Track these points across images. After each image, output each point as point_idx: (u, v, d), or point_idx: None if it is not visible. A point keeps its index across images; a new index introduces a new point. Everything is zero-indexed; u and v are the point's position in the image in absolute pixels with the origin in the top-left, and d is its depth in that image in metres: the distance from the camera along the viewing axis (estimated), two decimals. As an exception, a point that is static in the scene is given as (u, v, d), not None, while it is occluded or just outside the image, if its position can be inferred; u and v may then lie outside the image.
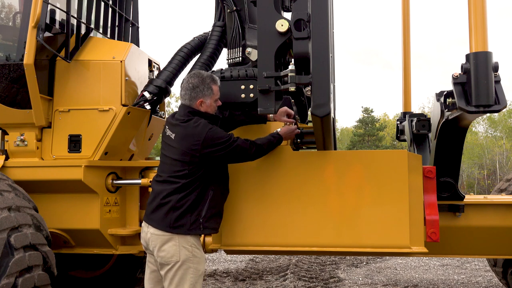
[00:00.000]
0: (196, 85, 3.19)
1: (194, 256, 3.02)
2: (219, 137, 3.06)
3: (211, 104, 3.23)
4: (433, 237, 3.36)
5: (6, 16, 4.68)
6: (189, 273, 2.99)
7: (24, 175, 3.98)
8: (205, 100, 3.20)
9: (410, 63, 5.68)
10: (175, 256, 2.99)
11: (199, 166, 3.05)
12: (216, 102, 3.27)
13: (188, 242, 3.01)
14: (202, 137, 3.02)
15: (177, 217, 3.01)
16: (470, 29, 2.97)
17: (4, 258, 3.18)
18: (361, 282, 6.71)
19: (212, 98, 3.23)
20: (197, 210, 3.04)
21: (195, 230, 3.02)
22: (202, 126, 3.08)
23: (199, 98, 3.19)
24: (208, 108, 3.22)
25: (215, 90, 3.24)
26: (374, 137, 44.42)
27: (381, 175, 3.31)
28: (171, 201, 3.04)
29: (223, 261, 8.54)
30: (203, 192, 3.07)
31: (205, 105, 3.21)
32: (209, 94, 3.21)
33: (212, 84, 3.23)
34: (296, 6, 3.04)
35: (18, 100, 4.01)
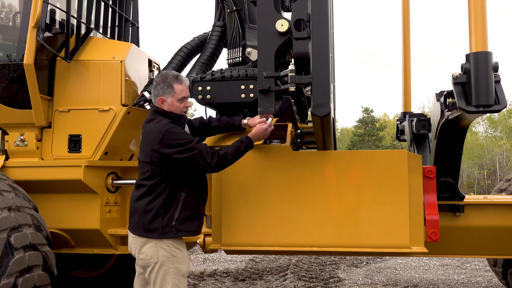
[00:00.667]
0: (157, 83, 3.16)
1: (173, 256, 3.00)
2: (177, 138, 2.98)
3: (174, 103, 3.13)
4: (433, 237, 3.36)
5: (6, 16, 4.68)
6: (170, 273, 2.98)
7: (24, 175, 3.98)
8: (166, 98, 3.13)
9: (410, 63, 5.68)
10: (154, 258, 2.99)
11: (162, 166, 3.01)
12: (181, 101, 3.16)
13: (165, 243, 3.00)
14: (160, 136, 2.97)
15: (149, 221, 2.99)
16: (470, 29, 2.97)
17: (4, 258, 3.18)
18: (361, 282, 6.71)
19: (174, 97, 3.13)
20: (168, 213, 3.00)
21: (168, 233, 2.98)
22: (161, 125, 3.02)
23: (159, 96, 3.13)
24: (171, 107, 3.13)
25: (178, 89, 3.14)
26: (374, 137, 44.42)
27: (381, 175, 3.31)
28: (141, 205, 3.04)
29: (223, 261, 8.54)
30: (173, 194, 3.02)
31: (167, 104, 3.13)
32: (170, 93, 3.12)
33: (175, 83, 3.14)
34: (296, 6, 3.04)
35: (18, 100, 4.01)
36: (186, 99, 3.20)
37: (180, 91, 3.15)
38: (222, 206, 3.43)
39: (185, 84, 3.20)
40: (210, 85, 3.58)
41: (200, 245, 3.79)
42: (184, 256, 3.08)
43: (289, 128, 3.62)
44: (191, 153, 2.95)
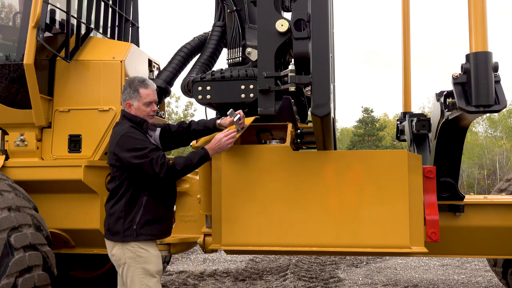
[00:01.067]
0: (124, 88, 3.21)
1: (139, 257, 3.03)
2: (133, 143, 3.01)
3: (140, 107, 3.16)
4: (433, 237, 3.36)
5: (6, 16, 4.68)
6: (137, 274, 3.02)
7: (24, 175, 3.98)
8: (132, 102, 3.16)
9: (410, 63, 5.68)
10: (122, 259, 3.06)
11: (122, 170, 3.06)
12: (148, 106, 3.18)
13: (130, 244, 3.04)
14: (117, 139, 3.04)
15: (112, 224, 3.06)
16: (470, 29, 2.97)
17: (4, 258, 3.18)
18: (361, 282, 6.71)
19: (140, 101, 3.16)
20: (129, 217, 3.03)
21: (129, 237, 3.02)
22: (122, 128, 3.08)
23: (126, 100, 3.18)
24: (138, 111, 3.17)
25: (143, 93, 3.16)
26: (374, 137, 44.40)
27: (381, 175, 3.31)
28: (106, 208, 3.13)
29: (223, 261, 8.54)
30: (135, 198, 3.05)
31: (133, 108, 3.17)
32: (136, 97, 3.16)
33: (140, 87, 3.17)
34: (296, 6, 3.04)
35: (18, 100, 4.01)
36: (153, 104, 3.22)
37: (146, 95, 3.18)
38: (222, 206, 3.43)
39: (151, 89, 3.22)
40: (210, 85, 3.58)
41: (200, 245, 3.79)
42: (152, 255, 3.08)
43: (289, 128, 3.62)
44: (142, 160, 2.97)
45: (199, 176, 3.76)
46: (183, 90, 4.14)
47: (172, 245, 4.09)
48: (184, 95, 4.22)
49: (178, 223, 4.20)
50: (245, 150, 3.46)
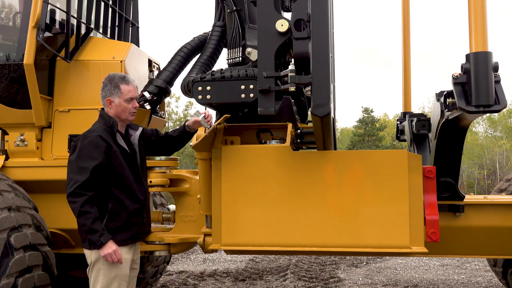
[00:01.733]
0: (105, 85, 3.17)
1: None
2: (78, 149, 2.99)
3: (121, 104, 3.13)
4: (433, 237, 3.36)
5: (6, 16, 4.68)
6: (100, 274, 3.01)
7: (24, 175, 3.98)
8: (113, 99, 3.13)
9: (410, 63, 5.68)
10: (89, 258, 3.05)
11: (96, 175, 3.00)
12: (129, 102, 3.15)
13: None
14: (79, 137, 3.05)
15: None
16: (470, 29, 2.97)
17: (4, 258, 3.18)
18: (361, 282, 6.71)
19: (121, 97, 3.13)
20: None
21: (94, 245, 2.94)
22: (90, 130, 3.09)
23: (107, 97, 3.15)
24: (119, 108, 3.14)
25: (124, 89, 3.14)
26: (374, 137, 44.39)
27: (381, 175, 3.31)
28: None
29: (223, 261, 8.55)
30: (101, 204, 3.01)
31: (114, 105, 3.14)
32: (117, 93, 3.13)
33: (121, 83, 3.14)
34: (296, 6, 3.04)
35: (18, 100, 4.01)
36: (134, 100, 3.19)
37: (127, 91, 3.15)
38: (222, 206, 3.43)
39: (132, 85, 3.19)
40: (210, 85, 3.58)
41: (200, 245, 3.79)
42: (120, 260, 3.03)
43: (289, 128, 3.62)
44: (69, 169, 2.99)
45: (199, 176, 3.76)
46: (183, 90, 4.14)
47: (172, 245, 4.09)
48: (184, 95, 4.22)
49: (178, 223, 4.20)
50: (245, 150, 3.46)
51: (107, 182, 3.05)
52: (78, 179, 2.92)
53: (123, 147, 3.15)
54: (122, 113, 3.16)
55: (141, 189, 3.24)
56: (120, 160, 3.10)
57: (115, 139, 3.12)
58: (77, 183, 2.91)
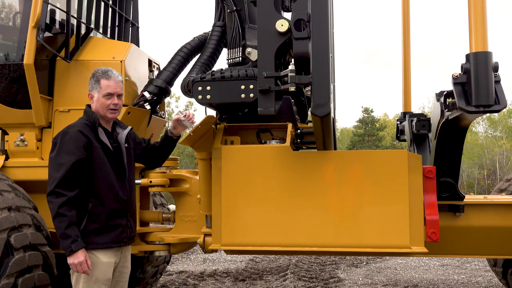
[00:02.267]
0: (89, 79, 3.08)
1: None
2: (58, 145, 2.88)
3: (99, 99, 2.99)
4: (433, 237, 3.36)
5: (6, 16, 4.68)
6: (81, 278, 2.88)
7: (24, 175, 3.98)
8: (93, 94, 3.02)
9: (410, 63, 5.68)
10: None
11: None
12: (107, 98, 2.99)
13: None
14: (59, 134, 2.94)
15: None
16: (470, 29, 2.97)
17: (4, 258, 3.18)
18: (361, 282, 6.71)
19: (100, 92, 2.99)
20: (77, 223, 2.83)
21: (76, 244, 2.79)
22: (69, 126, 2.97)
23: (89, 91, 3.05)
24: (98, 103, 3.00)
25: (104, 84, 2.99)
26: (374, 137, 44.39)
27: (381, 175, 3.31)
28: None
29: (223, 261, 8.55)
30: (81, 204, 2.87)
31: (95, 99, 3.02)
32: (96, 88, 3.01)
33: (102, 78, 3.01)
34: (296, 6, 3.04)
35: (18, 100, 4.01)
36: (114, 96, 3.02)
37: (106, 86, 3.00)
38: (222, 206, 3.43)
39: (113, 80, 3.03)
40: (210, 85, 3.58)
41: (200, 245, 3.79)
42: (100, 262, 2.90)
43: (289, 128, 3.62)
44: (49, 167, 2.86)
45: (199, 176, 3.76)
46: (183, 90, 4.14)
47: (172, 245, 4.09)
48: (184, 95, 4.22)
49: (178, 223, 4.20)
50: (245, 150, 3.47)
51: (87, 180, 2.89)
52: (57, 176, 2.78)
53: (105, 144, 2.98)
54: (100, 108, 3.01)
55: (124, 189, 3.04)
56: (101, 157, 2.94)
57: (97, 134, 2.97)
58: (55, 180, 2.78)
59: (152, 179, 4.05)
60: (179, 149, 31.51)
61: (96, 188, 2.93)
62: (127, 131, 3.19)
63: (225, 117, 3.89)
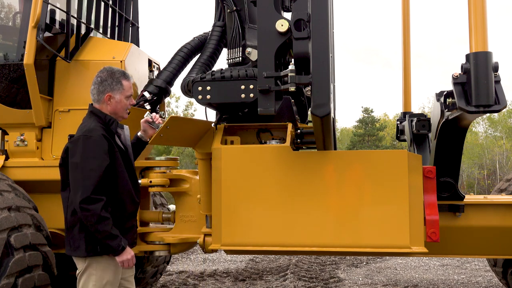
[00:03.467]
0: (104, 79, 2.97)
1: (97, 263, 2.84)
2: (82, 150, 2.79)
3: (121, 100, 2.99)
4: (433, 237, 3.36)
5: (6, 16, 4.68)
6: (91, 280, 2.83)
7: (24, 175, 3.98)
8: (114, 95, 2.97)
9: (410, 63, 5.68)
10: (81, 264, 2.86)
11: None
12: (128, 99, 3.03)
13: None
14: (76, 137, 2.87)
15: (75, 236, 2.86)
16: (470, 29, 2.97)
17: (4, 258, 3.18)
18: (361, 282, 6.71)
19: (123, 94, 2.99)
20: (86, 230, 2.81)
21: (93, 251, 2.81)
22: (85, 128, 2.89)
23: (107, 92, 2.96)
24: (118, 105, 2.99)
25: (126, 85, 3.01)
26: (374, 137, 44.39)
27: (381, 175, 3.31)
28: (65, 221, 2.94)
29: (223, 261, 8.55)
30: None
31: (114, 101, 2.97)
32: (119, 89, 2.98)
33: (123, 78, 3.00)
34: (296, 6, 3.04)
35: (18, 100, 4.01)
36: (131, 97, 3.08)
37: (129, 88, 3.03)
38: (222, 206, 3.43)
39: (131, 81, 3.08)
40: (210, 85, 3.58)
41: (200, 245, 3.79)
42: (110, 264, 2.87)
43: (289, 128, 3.62)
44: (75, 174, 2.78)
45: (199, 176, 3.76)
46: (183, 90, 4.14)
47: (172, 245, 4.09)
48: (184, 95, 4.22)
49: (178, 223, 4.20)
50: (245, 150, 3.47)
51: (109, 185, 2.85)
52: (90, 183, 2.72)
53: (120, 147, 2.99)
54: (120, 110, 3.01)
55: (137, 191, 3.08)
56: (120, 161, 2.92)
57: (114, 137, 2.96)
58: (90, 187, 2.71)
59: (152, 179, 4.04)
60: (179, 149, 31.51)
61: (117, 193, 2.90)
62: (127, 131, 3.18)
63: (225, 117, 3.89)
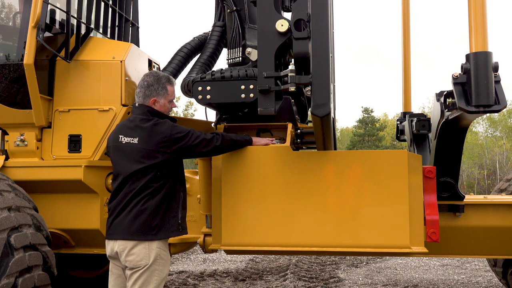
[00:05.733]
0: (151, 84, 3.18)
1: (161, 259, 3.00)
2: (182, 129, 3.10)
3: (165, 104, 3.21)
4: (433, 237, 3.36)
5: (6, 16, 4.68)
6: (154, 275, 2.97)
7: (24, 175, 3.97)
8: (159, 99, 3.18)
9: (410, 63, 5.68)
10: (145, 260, 2.93)
11: (167, 166, 3.05)
12: (170, 103, 3.26)
13: (155, 245, 2.97)
14: (169, 133, 3.03)
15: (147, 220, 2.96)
16: (470, 29, 2.97)
17: (4, 258, 3.18)
18: (361, 282, 6.71)
19: (167, 98, 3.21)
20: (172, 212, 3.05)
21: (174, 232, 3.05)
22: (167, 124, 3.09)
23: (153, 96, 3.17)
24: (162, 108, 3.20)
25: (170, 90, 3.23)
26: (374, 137, 44.40)
27: (381, 175, 3.31)
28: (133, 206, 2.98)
29: (223, 261, 8.55)
30: (173, 194, 3.08)
31: (159, 105, 3.19)
32: (163, 94, 3.19)
33: (168, 84, 3.22)
34: (296, 6, 3.04)
35: (18, 100, 4.01)
36: (173, 101, 3.30)
37: (172, 92, 3.26)
38: (222, 206, 3.43)
39: (174, 86, 3.32)
40: (210, 85, 3.58)
41: (200, 245, 3.79)
42: (169, 259, 3.11)
43: (289, 128, 3.62)
44: (198, 139, 3.10)
45: (199, 176, 3.76)
46: (183, 90, 4.14)
47: (172, 245, 4.09)
48: (184, 95, 4.22)
49: (178, 223, 4.20)
50: (245, 150, 3.46)
51: (178, 172, 3.15)
52: (201, 135, 3.13)
53: None
54: (164, 112, 3.23)
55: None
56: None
57: None
58: (205, 138, 3.13)
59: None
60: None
61: (183, 179, 3.21)
62: None
63: (225, 117, 3.89)
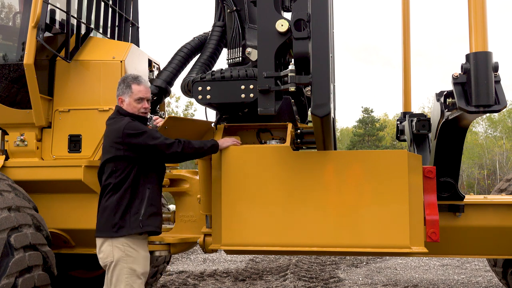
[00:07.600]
0: (119, 84, 3.29)
1: (128, 256, 3.01)
2: (138, 127, 3.09)
3: (131, 103, 3.23)
4: (433, 237, 3.36)
5: (6, 16, 4.68)
6: (124, 273, 2.99)
7: (24, 175, 3.98)
8: (124, 98, 3.23)
9: (410, 63, 5.68)
10: (109, 257, 3.02)
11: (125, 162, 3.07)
12: (138, 102, 3.24)
13: (119, 242, 3.01)
14: (122, 129, 3.06)
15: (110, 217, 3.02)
16: (470, 29, 2.97)
17: (4, 258, 3.18)
18: (361, 282, 6.71)
19: (132, 97, 3.22)
20: (133, 209, 3.04)
21: (135, 229, 3.03)
22: (123, 121, 3.12)
23: (119, 96, 3.26)
24: (129, 107, 3.23)
25: (135, 89, 3.23)
26: (374, 137, 44.38)
27: (381, 175, 3.31)
28: (102, 204, 3.08)
29: (223, 261, 8.55)
30: (137, 190, 3.08)
31: (125, 104, 3.23)
32: (128, 93, 3.22)
33: (133, 83, 3.24)
34: (296, 6, 3.04)
35: (18, 100, 4.01)
36: (144, 101, 3.26)
37: (137, 91, 3.23)
38: (222, 206, 3.43)
39: (143, 86, 3.27)
40: (210, 85, 3.58)
41: (200, 245, 3.79)
42: (140, 256, 3.08)
43: (289, 128, 3.62)
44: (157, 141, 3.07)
45: (199, 176, 3.76)
46: (183, 90, 4.14)
47: (172, 245, 4.09)
48: (184, 95, 4.22)
49: (178, 223, 4.20)
50: (245, 150, 3.47)
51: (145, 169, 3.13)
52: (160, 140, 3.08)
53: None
54: (132, 111, 3.23)
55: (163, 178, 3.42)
56: None
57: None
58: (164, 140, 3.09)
59: None
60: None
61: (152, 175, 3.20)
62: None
63: (225, 117, 3.89)
